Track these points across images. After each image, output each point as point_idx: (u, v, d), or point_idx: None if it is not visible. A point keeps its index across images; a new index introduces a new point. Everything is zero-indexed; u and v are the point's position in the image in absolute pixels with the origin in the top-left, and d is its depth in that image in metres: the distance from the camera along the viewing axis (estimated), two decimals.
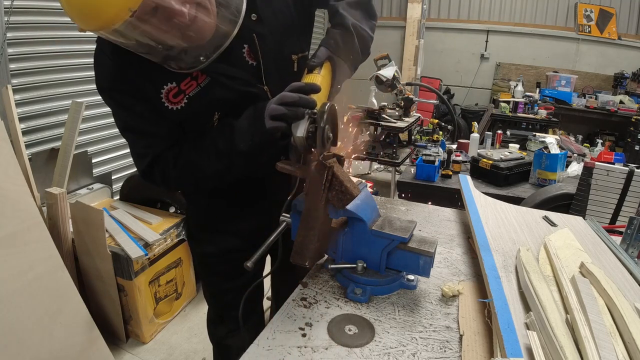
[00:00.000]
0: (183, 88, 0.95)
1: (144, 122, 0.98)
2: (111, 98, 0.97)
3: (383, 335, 0.80)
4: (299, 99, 0.88)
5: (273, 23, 1.00)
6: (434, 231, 1.28)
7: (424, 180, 2.57)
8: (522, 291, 0.85)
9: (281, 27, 1.02)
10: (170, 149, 1.01)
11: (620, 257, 1.06)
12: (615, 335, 0.72)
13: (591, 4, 5.57)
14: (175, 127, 1.01)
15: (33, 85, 2.32)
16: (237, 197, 1.15)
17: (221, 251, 1.21)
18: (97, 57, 0.95)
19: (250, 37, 0.96)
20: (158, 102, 0.95)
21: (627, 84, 5.40)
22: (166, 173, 1.01)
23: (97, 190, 2.49)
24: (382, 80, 3.51)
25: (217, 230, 1.21)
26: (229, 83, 0.96)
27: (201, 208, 1.23)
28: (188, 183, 1.07)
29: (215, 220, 1.21)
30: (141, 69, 0.91)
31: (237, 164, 0.97)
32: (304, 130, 0.87)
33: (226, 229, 1.20)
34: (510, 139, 3.68)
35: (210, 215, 1.22)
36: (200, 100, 0.97)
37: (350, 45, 1.02)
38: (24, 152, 1.92)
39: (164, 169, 1.01)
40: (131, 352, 2.06)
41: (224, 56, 0.93)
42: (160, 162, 1.01)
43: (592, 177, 1.86)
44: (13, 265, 1.52)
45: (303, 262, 0.87)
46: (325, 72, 0.99)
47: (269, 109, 0.90)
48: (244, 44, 0.97)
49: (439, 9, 6.31)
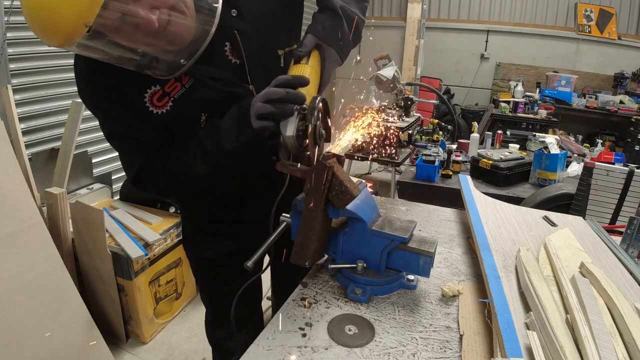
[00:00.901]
0: (167, 90, 0.92)
1: (129, 129, 0.94)
2: (94, 106, 0.94)
3: (383, 335, 0.80)
4: (286, 95, 0.81)
5: (255, 17, 0.95)
6: (434, 231, 1.27)
7: (424, 180, 2.57)
8: (522, 291, 0.85)
9: (265, 21, 0.96)
10: (158, 154, 0.97)
11: (620, 257, 1.06)
12: (615, 335, 0.72)
13: (591, 4, 5.57)
14: (161, 131, 0.97)
15: (33, 85, 2.32)
16: (232, 198, 1.13)
17: (220, 254, 1.19)
18: (76, 64, 0.92)
19: (231, 35, 0.92)
20: (142, 107, 0.91)
21: (627, 84, 5.40)
22: (156, 178, 0.98)
23: (97, 190, 2.49)
24: (382, 80, 3.51)
25: (214, 233, 1.18)
26: (213, 84, 0.92)
27: (197, 211, 1.21)
28: (178, 187, 1.02)
29: (211, 223, 1.18)
30: (122, 74, 0.86)
31: (226, 165, 0.93)
32: (293, 129, 0.80)
33: (224, 232, 1.18)
34: (510, 139, 3.68)
35: (207, 219, 1.19)
36: (185, 102, 0.93)
37: (340, 30, 0.94)
38: (24, 152, 1.92)
39: (153, 175, 0.98)
40: (131, 352, 2.06)
41: (205, 57, 0.88)
42: (148, 168, 0.98)
43: (592, 177, 1.86)
44: (13, 265, 1.52)
45: (303, 262, 0.87)
46: (313, 62, 0.91)
47: (254, 108, 0.84)
48: (226, 42, 0.93)
49: (439, 9, 6.32)
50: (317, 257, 0.93)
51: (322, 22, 0.93)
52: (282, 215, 0.96)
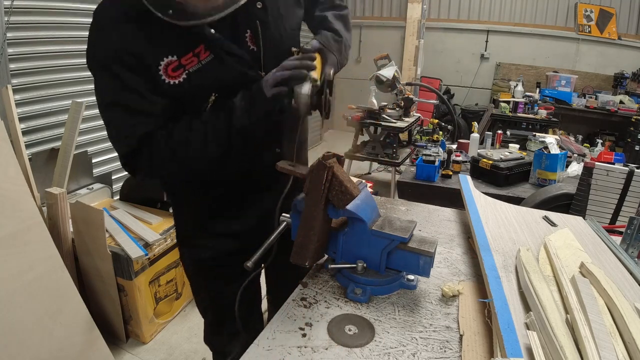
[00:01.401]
0: (183, 63, 0.93)
1: (137, 98, 0.92)
2: (103, 67, 0.92)
3: (383, 335, 0.80)
4: (300, 63, 0.92)
5: (277, 14, 1.03)
6: (434, 231, 1.28)
7: (424, 180, 2.57)
8: (522, 291, 0.85)
9: (284, 18, 1.05)
10: (162, 129, 0.95)
11: (620, 257, 1.06)
12: (615, 335, 0.72)
13: (591, 4, 5.57)
14: (168, 106, 0.96)
15: (33, 85, 2.32)
16: (234, 194, 1.13)
17: (220, 254, 1.18)
18: (94, 29, 0.92)
19: (253, 23, 0.99)
20: (156, 75, 0.92)
21: (627, 84, 5.40)
22: (155, 155, 0.95)
23: (97, 190, 2.49)
24: (382, 80, 3.52)
25: (214, 232, 1.17)
26: (230, 61, 0.96)
27: (197, 207, 1.19)
28: (178, 166, 0.99)
29: (212, 219, 1.17)
30: (142, 38, 0.88)
31: (235, 144, 0.96)
32: (308, 88, 0.90)
33: (224, 230, 1.17)
34: (510, 139, 3.68)
35: (207, 215, 1.18)
36: (200, 77, 0.94)
37: (338, 48, 1.10)
38: (24, 152, 1.92)
39: (153, 151, 0.94)
40: (131, 352, 2.06)
41: (227, 35, 0.95)
42: (148, 143, 0.94)
43: (592, 177, 1.86)
44: (13, 265, 1.52)
45: (303, 262, 0.88)
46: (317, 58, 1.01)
47: (270, 78, 0.93)
48: (247, 29, 0.99)
49: (439, 9, 6.32)
50: (317, 257, 0.93)
51: (327, 36, 1.10)
52: (282, 215, 0.96)
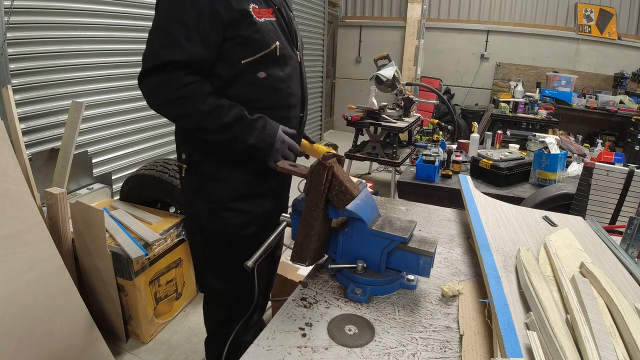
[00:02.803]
0: (262, 11, 1.11)
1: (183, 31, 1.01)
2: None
3: (383, 335, 0.80)
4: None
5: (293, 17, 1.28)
6: (434, 231, 1.28)
7: (424, 180, 2.57)
8: (522, 291, 0.85)
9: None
10: (188, 75, 1.04)
11: (620, 257, 1.06)
12: (615, 335, 0.72)
13: (591, 4, 5.57)
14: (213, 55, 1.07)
15: (33, 85, 2.31)
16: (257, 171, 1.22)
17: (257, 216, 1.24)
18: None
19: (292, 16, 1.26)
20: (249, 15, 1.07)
21: (627, 84, 5.40)
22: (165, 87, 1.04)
23: (97, 190, 2.49)
24: (382, 80, 3.52)
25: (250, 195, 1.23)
26: (283, 24, 1.18)
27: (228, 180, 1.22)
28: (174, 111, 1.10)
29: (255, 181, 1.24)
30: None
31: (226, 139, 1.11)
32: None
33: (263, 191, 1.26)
34: (510, 139, 3.68)
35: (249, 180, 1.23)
36: (268, 27, 1.12)
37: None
38: (24, 152, 1.92)
39: (166, 81, 1.04)
40: (131, 352, 2.06)
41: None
42: (168, 72, 1.03)
43: (592, 177, 1.86)
44: (13, 265, 1.52)
45: (303, 262, 0.88)
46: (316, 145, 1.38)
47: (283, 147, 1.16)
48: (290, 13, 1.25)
49: (439, 9, 6.32)
50: (317, 257, 0.93)
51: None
52: (282, 215, 0.97)
